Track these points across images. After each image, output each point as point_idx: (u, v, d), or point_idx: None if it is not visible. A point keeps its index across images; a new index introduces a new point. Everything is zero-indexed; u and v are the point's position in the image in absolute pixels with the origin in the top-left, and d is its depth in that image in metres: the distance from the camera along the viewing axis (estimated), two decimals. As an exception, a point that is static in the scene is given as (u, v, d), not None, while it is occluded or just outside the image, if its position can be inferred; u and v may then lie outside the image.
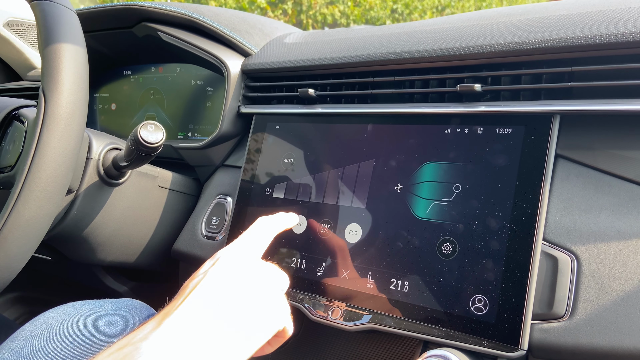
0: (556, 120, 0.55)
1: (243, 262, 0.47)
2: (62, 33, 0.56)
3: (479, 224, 0.55)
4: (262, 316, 0.44)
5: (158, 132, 0.62)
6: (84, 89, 0.57)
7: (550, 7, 0.63)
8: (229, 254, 0.48)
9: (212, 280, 0.44)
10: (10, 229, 0.52)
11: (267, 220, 0.55)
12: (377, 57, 0.67)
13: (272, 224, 0.55)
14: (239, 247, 0.49)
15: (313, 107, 0.73)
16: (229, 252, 0.48)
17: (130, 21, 0.88)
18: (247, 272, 0.46)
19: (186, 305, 0.41)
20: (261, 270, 0.48)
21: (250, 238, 0.51)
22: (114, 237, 0.77)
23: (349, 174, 0.66)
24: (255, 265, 0.48)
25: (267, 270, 0.48)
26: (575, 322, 0.49)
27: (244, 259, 0.48)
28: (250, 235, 0.52)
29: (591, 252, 0.50)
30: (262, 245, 0.52)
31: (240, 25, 0.87)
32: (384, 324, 0.57)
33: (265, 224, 0.54)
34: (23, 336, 0.53)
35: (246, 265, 0.47)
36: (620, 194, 0.52)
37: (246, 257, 0.48)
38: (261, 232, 0.53)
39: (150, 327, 0.40)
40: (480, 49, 0.60)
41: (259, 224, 0.54)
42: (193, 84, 0.92)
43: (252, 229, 0.53)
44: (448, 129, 0.60)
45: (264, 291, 0.46)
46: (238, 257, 0.48)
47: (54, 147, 0.53)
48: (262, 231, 0.53)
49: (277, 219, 0.56)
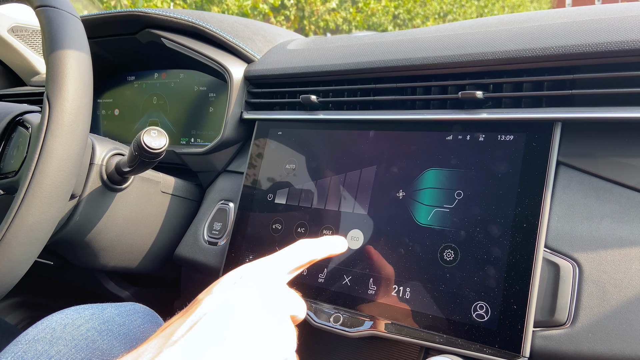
0: (557, 127, 0.55)
1: (264, 294, 0.42)
2: (66, 40, 0.56)
3: (480, 231, 0.55)
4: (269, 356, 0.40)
5: (161, 138, 0.63)
6: (88, 95, 0.57)
7: (552, 15, 0.64)
8: (252, 277, 0.43)
9: (226, 312, 0.40)
10: (13, 234, 0.53)
11: (307, 244, 0.49)
12: (379, 64, 0.68)
13: (312, 248, 0.49)
14: (266, 271, 0.45)
15: (315, 114, 0.73)
16: (253, 276, 0.44)
17: (134, 28, 0.89)
18: (264, 314, 0.41)
19: (191, 339, 0.38)
20: (280, 310, 0.43)
21: (282, 261, 0.46)
22: (116, 242, 0.77)
23: (351, 180, 0.66)
24: (275, 304, 0.42)
25: (285, 312, 0.43)
26: (577, 329, 0.49)
27: (266, 289, 0.43)
28: (282, 258, 0.47)
29: (593, 259, 0.50)
30: (293, 269, 0.47)
31: (243, 32, 0.87)
32: (385, 330, 0.57)
33: (305, 247, 0.49)
34: (26, 340, 0.53)
35: (266, 302, 0.42)
36: (622, 201, 0.52)
37: (269, 288, 0.43)
38: (297, 255, 0.48)
39: (150, 355, 0.36)
40: (482, 56, 0.60)
41: (298, 246, 0.49)
42: (196, 90, 0.92)
43: (288, 249, 0.48)
44: (450, 135, 0.60)
45: (277, 336, 0.41)
46: (261, 287, 0.43)
47: (57, 153, 0.54)
48: (298, 254, 0.48)
49: (319, 243, 0.51)
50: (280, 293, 0.44)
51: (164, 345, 0.37)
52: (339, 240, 0.53)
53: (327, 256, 0.52)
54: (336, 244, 0.52)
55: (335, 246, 0.52)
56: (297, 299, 0.45)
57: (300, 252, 0.48)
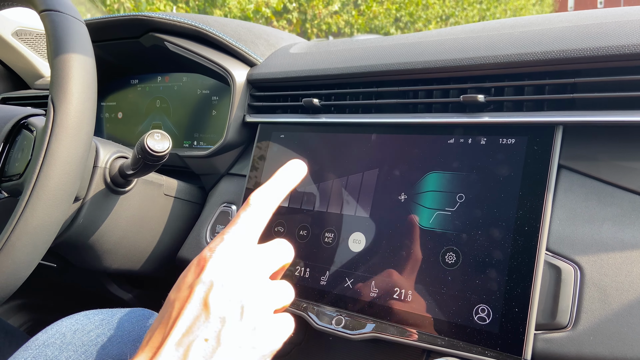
0: (559, 131, 0.55)
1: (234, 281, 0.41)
2: (71, 43, 0.56)
3: (482, 234, 0.55)
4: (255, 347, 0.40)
5: (164, 141, 0.63)
6: (93, 98, 0.57)
7: (553, 19, 0.64)
8: (215, 262, 0.41)
9: (197, 308, 0.39)
10: (18, 237, 0.53)
11: (260, 196, 0.46)
12: (381, 67, 0.68)
13: (268, 197, 0.46)
14: (228, 247, 0.42)
15: (317, 117, 0.74)
16: (215, 260, 0.42)
17: (137, 31, 0.89)
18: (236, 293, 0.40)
19: (170, 347, 0.38)
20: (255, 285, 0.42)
21: (241, 227, 0.44)
22: (119, 245, 0.78)
23: (353, 183, 0.66)
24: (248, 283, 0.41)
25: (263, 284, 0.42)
26: (579, 332, 0.49)
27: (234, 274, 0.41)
28: (241, 224, 0.44)
29: (594, 262, 0.51)
30: (256, 229, 0.45)
31: (246, 36, 0.88)
32: (387, 333, 0.57)
33: (259, 200, 0.46)
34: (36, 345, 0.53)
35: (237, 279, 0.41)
36: (624, 204, 0.52)
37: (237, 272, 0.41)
38: (254, 214, 0.45)
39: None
40: (484, 60, 0.60)
41: (251, 204, 0.45)
42: (199, 93, 0.93)
43: (242, 213, 0.45)
44: (451, 139, 0.61)
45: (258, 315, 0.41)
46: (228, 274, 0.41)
47: (62, 156, 0.54)
48: (255, 213, 0.45)
49: (274, 187, 0.47)
50: (250, 260, 0.42)
51: (151, 359, 0.38)
52: (293, 164, 0.49)
53: (290, 190, 0.48)
54: (292, 169, 0.48)
55: (292, 174, 0.49)
56: (271, 251, 0.44)
57: (258, 210, 0.45)
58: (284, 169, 0.49)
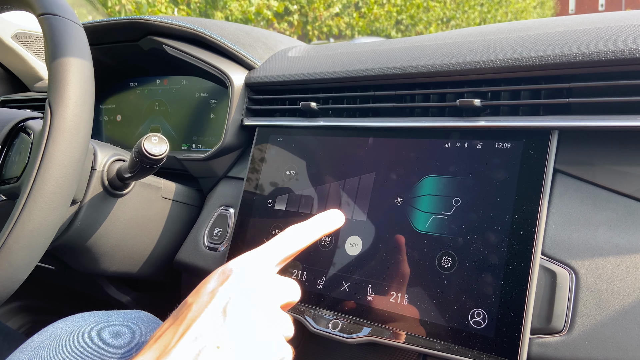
0: (555, 135, 0.55)
1: (253, 294, 0.42)
2: (68, 47, 0.57)
3: (478, 238, 0.55)
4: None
5: (162, 144, 0.63)
6: (90, 102, 0.58)
7: (550, 24, 0.64)
8: (240, 278, 0.43)
9: (216, 319, 0.40)
10: (15, 239, 0.53)
11: (296, 230, 0.48)
12: (379, 71, 0.68)
13: (302, 233, 0.48)
14: (253, 268, 0.44)
15: (315, 120, 0.74)
16: (240, 275, 0.43)
17: (136, 35, 0.89)
18: (256, 317, 0.41)
19: (183, 348, 0.38)
20: (272, 304, 0.43)
21: (269, 253, 0.46)
22: (117, 247, 0.78)
23: (350, 186, 0.66)
24: (266, 300, 0.43)
25: (278, 304, 0.44)
26: (574, 336, 0.49)
27: (255, 288, 0.43)
28: (270, 250, 0.46)
29: (589, 267, 0.51)
30: (283, 259, 0.47)
31: (245, 39, 0.88)
32: (383, 336, 0.57)
33: (294, 234, 0.48)
34: (32, 347, 0.53)
35: (256, 302, 0.42)
36: (619, 209, 0.52)
37: (258, 286, 0.43)
38: (286, 244, 0.47)
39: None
40: (480, 64, 0.60)
41: (287, 235, 0.48)
42: (197, 96, 0.93)
43: (277, 239, 0.47)
44: (448, 143, 0.61)
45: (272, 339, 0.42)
46: (249, 287, 0.42)
47: (59, 159, 0.54)
48: (286, 242, 0.47)
49: (309, 226, 0.49)
50: (270, 287, 0.44)
51: (159, 357, 0.38)
52: (332, 214, 0.51)
53: (324, 234, 0.51)
54: (330, 218, 0.51)
55: (329, 221, 0.51)
56: (288, 285, 0.46)
57: (289, 240, 0.48)
58: (326, 214, 0.53)
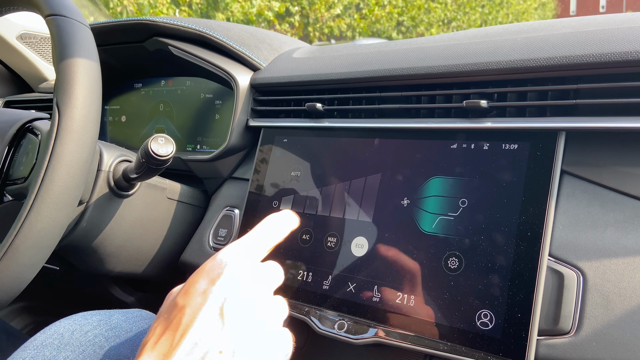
0: (562, 136, 0.55)
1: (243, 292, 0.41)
2: (76, 48, 0.57)
3: (485, 239, 0.55)
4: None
5: (168, 145, 0.63)
6: (97, 103, 0.58)
7: (556, 25, 0.64)
8: (232, 273, 0.42)
9: (212, 318, 0.39)
10: (22, 240, 0.53)
11: (276, 217, 0.49)
12: (385, 72, 0.68)
13: (282, 220, 0.49)
14: (243, 260, 0.43)
15: (320, 121, 0.74)
16: (231, 271, 0.42)
17: (141, 36, 0.90)
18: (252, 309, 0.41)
19: (183, 356, 0.37)
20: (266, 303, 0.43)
21: (256, 241, 0.46)
22: (122, 248, 0.78)
23: (356, 187, 0.66)
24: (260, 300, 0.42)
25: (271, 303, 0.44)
26: (581, 338, 0.49)
27: (243, 284, 0.42)
28: (256, 238, 0.46)
29: (597, 268, 0.51)
30: (269, 247, 0.47)
31: (250, 40, 0.88)
32: (389, 337, 0.57)
33: (275, 221, 0.49)
34: (34, 345, 0.54)
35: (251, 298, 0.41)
36: (626, 210, 0.52)
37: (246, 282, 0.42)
38: (269, 231, 0.48)
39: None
40: (487, 65, 0.60)
41: (268, 221, 0.48)
42: (202, 97, 0.93)
43: (260, 226, 0.47)
44: (454, 144, 0.61)
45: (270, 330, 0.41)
46: (238, 284, 0.41)
47: (66, 160, 0.54)
48: (270, 231, 0.48)
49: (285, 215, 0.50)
50: (261, 278, 0.43)
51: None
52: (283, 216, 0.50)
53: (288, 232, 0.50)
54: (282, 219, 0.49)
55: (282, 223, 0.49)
56: (274, 271, 0.45)
57: (273, 229, 0.47)
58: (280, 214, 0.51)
